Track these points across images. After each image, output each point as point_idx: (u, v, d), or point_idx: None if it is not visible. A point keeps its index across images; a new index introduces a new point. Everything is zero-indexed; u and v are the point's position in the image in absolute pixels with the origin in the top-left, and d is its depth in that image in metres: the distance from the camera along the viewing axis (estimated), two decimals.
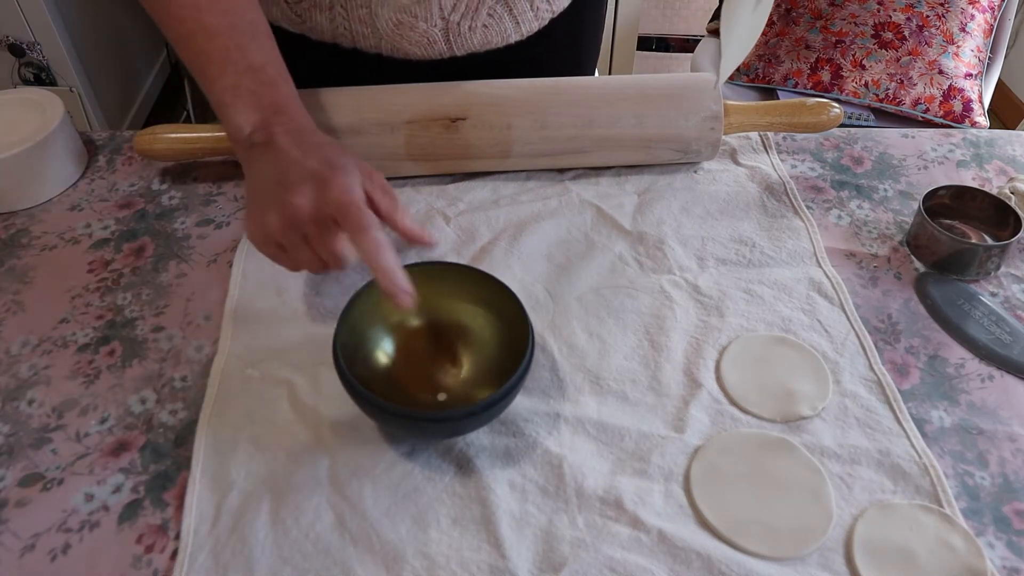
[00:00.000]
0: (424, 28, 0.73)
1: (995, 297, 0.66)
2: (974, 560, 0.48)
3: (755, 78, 1.62)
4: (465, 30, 0.74)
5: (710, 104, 0.73)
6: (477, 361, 0.58)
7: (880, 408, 0.57)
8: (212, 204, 0.75)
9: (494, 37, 0.76)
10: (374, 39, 0.74)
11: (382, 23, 0.72)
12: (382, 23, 0.72)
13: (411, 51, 0.75)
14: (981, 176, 0.78)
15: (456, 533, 0.50)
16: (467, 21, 0.73)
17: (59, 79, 1.96)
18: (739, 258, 0.68)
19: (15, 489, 0.53)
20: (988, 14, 1.52)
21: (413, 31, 0.73)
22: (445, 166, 0.75)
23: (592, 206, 0.73)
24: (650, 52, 2.31)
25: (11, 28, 1.87)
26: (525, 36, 0.78)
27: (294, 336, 0.62)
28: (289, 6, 0.73)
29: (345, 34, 0.74)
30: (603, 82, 0.75)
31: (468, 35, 0.74)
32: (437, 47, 0.75)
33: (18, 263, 0.69)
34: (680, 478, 0.53)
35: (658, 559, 0.49)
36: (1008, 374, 0.60)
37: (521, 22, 0.76)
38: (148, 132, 0.75)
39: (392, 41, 0.74)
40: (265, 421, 0.56)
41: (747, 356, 0.60)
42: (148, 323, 0.64)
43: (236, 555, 0.49)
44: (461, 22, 0.73)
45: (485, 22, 0.74)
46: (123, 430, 0.56)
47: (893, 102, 1.50)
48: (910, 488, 0.52)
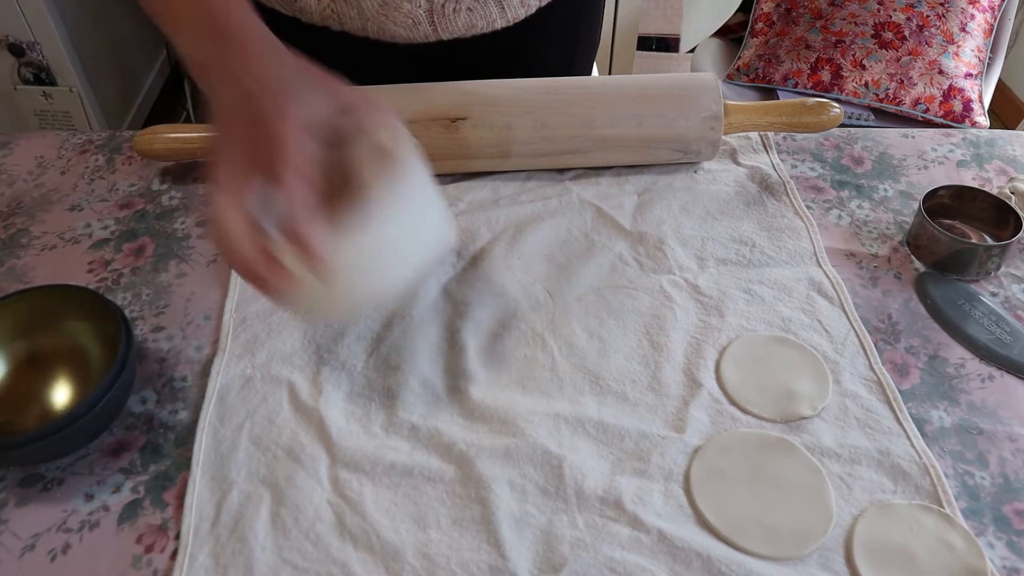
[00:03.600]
0: (408, 8, 0.73)
1: (995, 297, 0.66)
2: (974, 560, 0.48)
3: (755, 78, 1.62)
4: (449, 12, 0.74)
5: (710, 104, 0.73)
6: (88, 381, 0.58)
7: (880, 408, 0.57)
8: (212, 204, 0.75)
9: (479, 21, 0.76)
10: (360, 21, 0.74)
11: (367, 3, 0.72)
12: (367, 3, 0.72)
13: (397, 32, 0.75)
14: (981, 176, 0.78)
15: (456, 533, 0.50)
16: (451, 3, 0.73)
17: (59, 79, 1.96)
18: (739, 258, 0.68)
19: (15, 489, 0.53)
20: (988, 14, 1.52)
21: (397, 11, 0.73)
22: (445, 166, 0.75)
23: (592, 206, 0.73)
24: (650, 52, 2.31)
25: (11, 28, 1.87)
26: (512, 22, 0.79)
27: (294, 336, 0.62)
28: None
29: (333, 16, 0.74)
30: (603, 82, 0.75)
31: (452, 17, 0.75)
32: (422, 28, 0.75)
33: (18, 263, 0.69)
34: (680, 478, 0.53)
35: (658, 559, 0.49)
36: (1008, 374, 0.60)
37: (506, 7, 0.76)
38: (148, 132, 0.75)
39: (378, 22, 0.74)
40: (265, 421, 0.56)
41: (747, 356, 0.60)
42: (148, 323, 0.64)
43: (236, 555, 0.49)
44: (445, 4, 0.73)
45: (469, 5, 0.74)
46: (123, 430, 0.56)
47: (893, 102, 1.50)
48: (910, 488, 0.52)
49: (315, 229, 0.45)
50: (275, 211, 0.46)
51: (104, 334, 0.57)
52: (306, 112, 0.48)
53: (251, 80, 0.49)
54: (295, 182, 0.45)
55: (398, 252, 0.51)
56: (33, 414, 0.56)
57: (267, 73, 0.49)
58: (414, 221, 0.51)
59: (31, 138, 0.84)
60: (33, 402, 0.57)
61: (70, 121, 2.02)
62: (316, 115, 0.49)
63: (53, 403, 0.57)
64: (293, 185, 0.45)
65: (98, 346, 0.58)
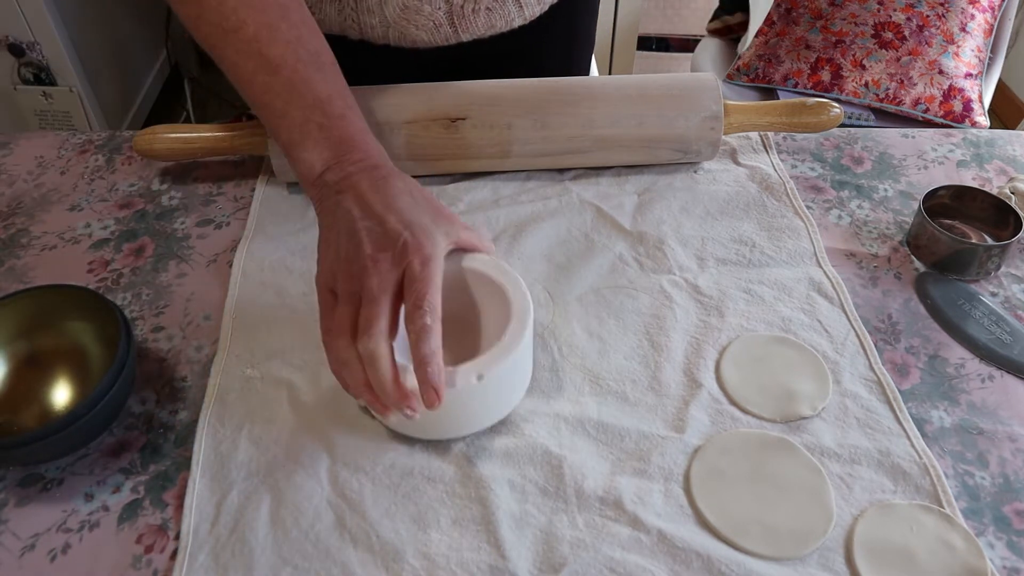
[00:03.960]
0: (429, 11, 0.73)
1: (995, 297, 0.66)
2: (974, 560, 0.48)
3: (755, 78, 1.61)
4: (469, 13, 0.74)
5: (710, 104, 0.73)
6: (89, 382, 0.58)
7: (880, 408, 0.57)
8: (212, 204, 0.75)
9: (498, 21, 0.77)
10: (381, 28, 0.74)
11: (389, 10, 0.72)
12: (389, 10, 0.72)
13: (418, 36, 0.75)
14: (981, 176, 0.78)
15: (456, 533, 0.50)
16: (470, 4, 0.74)
17: (59, 79, 1.96)
18: (739, 258, 0.68)
19: (15, 489, 0.53)
20: (988, 14, 1.52)
21: (419, 15, 0.73)
22: (445, 166, 0.75)
23: (592, 206, 0.73)
24: (650, 52, 2.31)
25: (11, 28, 1.87)
26: (528, 20, 0.79)
27: (294, 336, 0.62)
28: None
29: (353, 26, 0.74)
30: (603, 82, 0.75)
31: (472, 18, 0.75)
32: (443, 31, 0.75)
33: (18, 263, 0.69)
34: (680, 478, 0.53)
35: (658, 559, 0.49)
36: (1008, 374, 0.60)
37: (524, 5, 0.77)
38: (148, 132, 0.75)
39: (399, 28, 0.74)
40: (265, 421, 0.56)
41: (747, 356, 0.60)
42: (148, 323, 0.64)
43: (236, 555, 0.49)
44: (465, 5, 0.74)
45: (489, 5, 0.75)
46: (123, 430, 0.56)
47: (893, 102, 1.50)
48: (910, 488, 0.52)
49: (441, 372, 0.48)
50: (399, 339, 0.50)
51: (104, 334, 0.57)
52: (440, 252, 0.51)
53: (385, 210, 0.51)
54: (436, 326, 0.48)
55: (503, 393, 0.54)
56: (33, 414, 0.56)
57: (402, 205, 0.52)
58: (522, 366, 0.55)
59: (31, 138, 0.84)
60: (33, 402, 0.57)
61: (70, 121, 2.02)
62: (443, 253, 0.52)
63: (53, 403, 0.57)
64: (434, 328, 0.48)
65: (98, 346, 0.58)
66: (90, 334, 0.58)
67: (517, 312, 0.54)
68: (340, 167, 0.55)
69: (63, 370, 0.58)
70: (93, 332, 0.58)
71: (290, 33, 0.57)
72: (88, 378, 0.58)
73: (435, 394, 0.47)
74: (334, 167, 0.55)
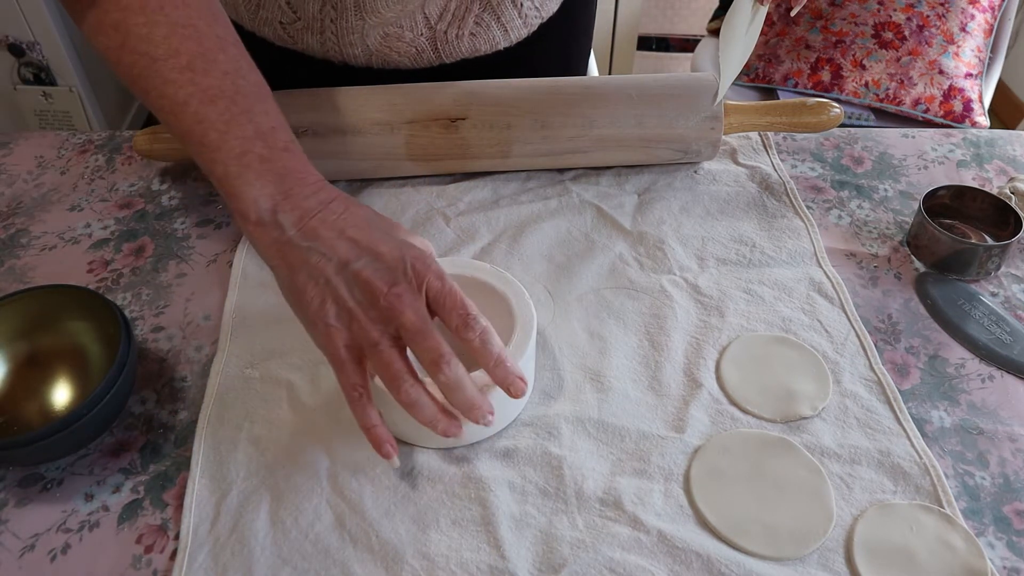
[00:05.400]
0: (411, 38, 0.73)
1: (995, 297, 0.66)
2: (974, 560, 0.48)
3: (755, 78, 1.62)
4: (452, 38, 0.74)
5: (710, 104, 0.73)
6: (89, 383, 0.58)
7: (880, 408, 0.57)
8: (212, 204, 0.75)
9: (482, 45, 0.76)
10: (364, 56, 0.74)
11: (371, 40, 0.72)
12: (371, 40, 0.72)
13: (401, 62, 0.75)
14: (981, 176, 0.78)
15: (456, 534, 0.50)
16: (453, 29, 0.73)
17: (59, 79, 1.96)
18: (739, 258, 0.68)
19: (15, 489, 0.53)
20: (988, 14, 1.52)
21: (400, 42, 0.73)
22: (445, 166, 0.75)
23: (592, 206, 0.73)
24: (650, 52, 2.31)
25: (11, 28, 1.87)
26: (514, 43, 0.78)
27: (294, 336, 0.61)
28: (283, 27, 0.73)
29: (336, 52, 0.74)
30: (603, 82, 0.75)
31: (456, 43, 0.74)
32: (426, 56, 0.75)
33: (18, 263, 0.69)
34: (680, 478, 0.53)
35: (658, 559, 0.49)
36: (1008, 374, 0.60)
37: (509, 29, 0.76)
38: (148, 132, 0.75)
39: (381, 55, 0.74)
40: (265, 421, 0.56)
41: (747, 356, 0.60)
42: (148, 323, 0.64)
43: (236, 555, 0.49)
44: (448, 30, 0.73)
45: (472, 30, 0.74)
46: (123, 430, 0.56)
47: (893, 102, 1.50)
48: (910, 488, 0.52)
49: (516, 362, 0.50)
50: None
51: (104, 334, 0.57)
52: (436, 262, 0.51)
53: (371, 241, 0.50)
54: (489, 325, 0.49)
55: (507, 403, 0.55)
56: (34, 414, 0.56)
57: (378, 230, 0.51)
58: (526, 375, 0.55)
59: (31, 138, 0.84)
60: (33, 402, 0.57)
61: (70, 121, 2.02)
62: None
63: (53, 403, 0.57)
64: (490, 328, 0.49)
65: (98, 346, 0.58)
66: (90, 334, 0.58)
67: (521, 323, 0.55)
68: (290, 203, 0.50)
69: (63, 370, 0.58)
70: (93, 332, 0.58)
71: (228, 64, 0.52)
72: (88, 378, 0.58)
73: (522, 382, 0.49)
74: (283, 204, 0.49)
